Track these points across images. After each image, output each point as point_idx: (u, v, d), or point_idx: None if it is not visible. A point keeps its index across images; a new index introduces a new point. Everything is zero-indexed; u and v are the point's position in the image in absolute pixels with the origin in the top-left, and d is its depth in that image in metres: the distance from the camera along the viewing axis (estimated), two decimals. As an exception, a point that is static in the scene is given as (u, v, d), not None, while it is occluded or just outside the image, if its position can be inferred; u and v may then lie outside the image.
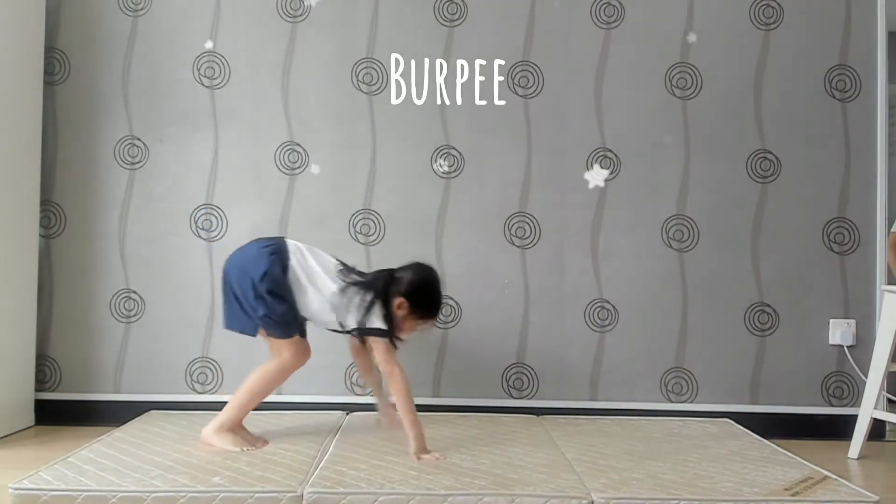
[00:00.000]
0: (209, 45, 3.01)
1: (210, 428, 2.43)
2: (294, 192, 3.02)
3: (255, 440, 2.45)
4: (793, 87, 3.03)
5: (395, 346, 2.41)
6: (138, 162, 3.02)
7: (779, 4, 3.04)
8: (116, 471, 2.12)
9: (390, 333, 2.39)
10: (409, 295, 2.41)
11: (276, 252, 2.41)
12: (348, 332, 2.47)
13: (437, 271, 2.52)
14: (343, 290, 2.40)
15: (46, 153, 3.00)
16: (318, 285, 2.41)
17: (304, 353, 2.47)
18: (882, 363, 2.65)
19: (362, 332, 2.40)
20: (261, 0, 3.04)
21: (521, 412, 2.97)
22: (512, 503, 1.98)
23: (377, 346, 2.39)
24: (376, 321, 2.37)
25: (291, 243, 2.46)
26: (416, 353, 2.99)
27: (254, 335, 2.44)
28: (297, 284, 2.41)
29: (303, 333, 2.49)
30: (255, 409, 2.81)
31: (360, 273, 2.48)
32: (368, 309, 2.37)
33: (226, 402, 2.50)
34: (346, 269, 2.47)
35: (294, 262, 2.41)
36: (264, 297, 2.35)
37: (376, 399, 2.73)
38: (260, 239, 2.52)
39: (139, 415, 2.83)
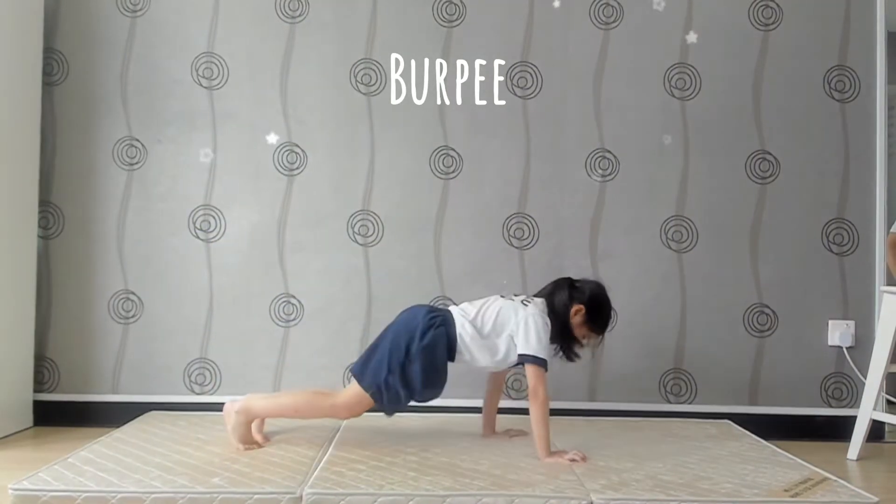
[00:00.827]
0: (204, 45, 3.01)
1: (237, 405, 2.42)
2: (292, 192, 3.02)
3: (257, 440, 2.45)
4: (792, 88, 3.03)
5: (545, 370, 2.40)
6: (137, 162, 3.02)
7: (778, 4, 3.04)
8: (116, 471, 2.12)
9: (568, 346, 2.48)
10: (589, 305, 2.47)
11: (443, 323, 2.41)
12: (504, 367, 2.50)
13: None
14: (513, 317, 2.43)
15: (45, 154, 3.00)
16: (482, 344, 2.42)
17: (357, 412, 2.44)
18: (881, 364, 2.65)
19: (526, 360, 2.38)
20: (259, 0, 3.04)
21: (520, 413, 2.96)
22: (511, 503, 1.98)
23: (533, 374, 2.37)
24: (541, 350, 2.38)
25: (454, 309, 2.48)
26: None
27: (368, 393, 2.36)
28: (468, 346, 2.41)
29: None
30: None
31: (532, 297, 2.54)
32: (538, 334, 2.38)
33: (224, 403, 2.50)
34: (509, 298, 2.52)
35: (459, 323, 2.42)
36: (409, 375, 2.34)
37: (484, 431, 2.67)
38: (428, 306, 2.52)
39: (138, 416, 2.82)
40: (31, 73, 2.93)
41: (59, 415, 2.95)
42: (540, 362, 2.37)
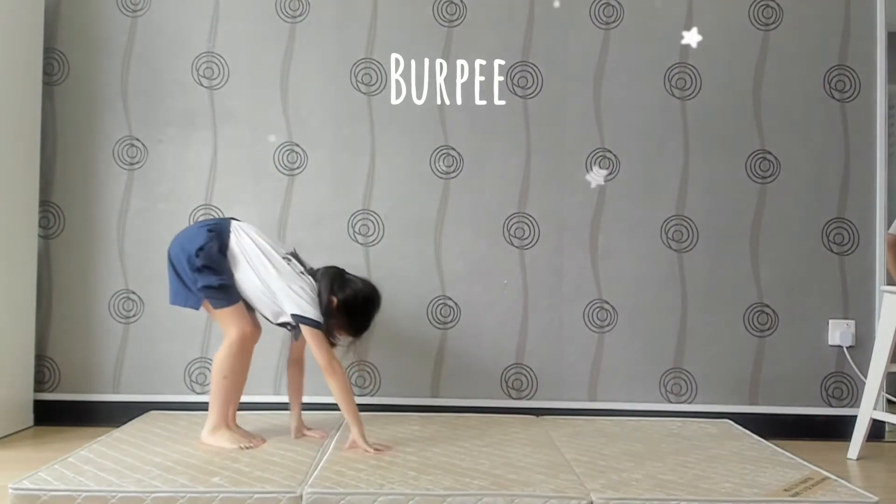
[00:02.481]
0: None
1: (205, 431, 2.44)
2: (293, 192, 3.02)
3: (252, 437, 2.45)
4: (792, 87, 3.03)
5: (332, 343, 2.41)
6: (137, 162, 3.02)
7: (778, 5, 3.04)
8: (116, 471, 2.12)
9: (325, 329, 2.39)
10: (347, 302, 2.42)
11: (216, 230, 2.43)
12: (280, 325, 2.48)
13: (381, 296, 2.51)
14: (283, 274, 2.40)
15: (45, 154, 3.00)
16: (256, 267, 2.40)
17: (252, 324, 2.46)
18: (881, 364, 2.65)
19: (298, 320, 2.37)
20: (260, 0, 3.04)
21: (520, 412, 2.97)
22: (511, 503, 1.98)
23: (313, 337, 2.37)
24: (314, 312, 2.37)
25: (235, 224, 2.47)
26: (416, 354, 3.00)
27: (197, 308, 2.44)
28: (234, 262, 2.42)
29: (250, 308, 2.49)
30: (256, 409, 2.81)
31: (305, 265, 2.52)
32: (309, 299, 2.37)
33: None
34: (293, 257, 2.50)
35: (233, 241, 2.43)
36: (200, 269, 2.37)
37: (293, 416, 2.62)
38: (206, 220, 2.59)
39: (138, 415, 2.83)
40: (32, 73, 2.93)
41: (60, 414, 2.95)
42: (316, 325, 2.36)
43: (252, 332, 2.47)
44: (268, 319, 2.49)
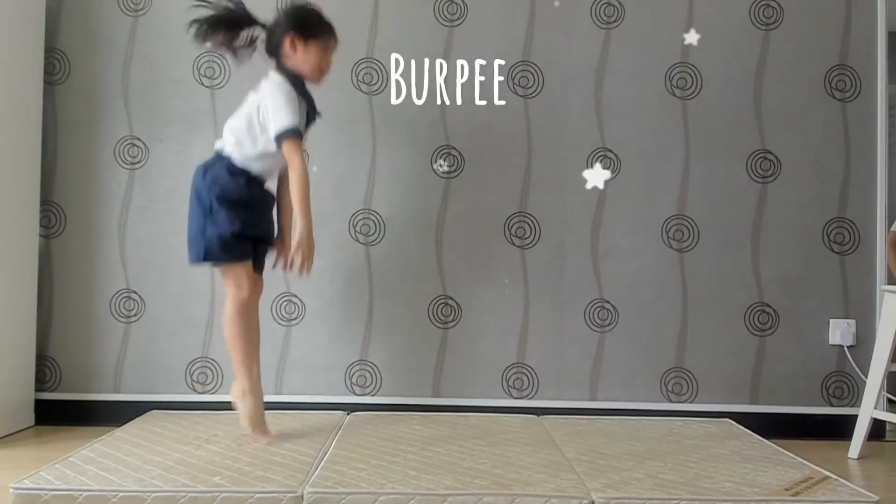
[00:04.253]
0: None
1: (236, 392, 2.45)
2: (294, 192, 3.02)
3: (263, 433, 2.48)
4: (793, 87, 3.03)
5: (300, 139, 2.40)
6: (138, 162, 3.02)
7: (779, 4, 3.04)
8: (117, 471, 2.12)
9: (299, 133, 2.38)
10: (294, 25, 2.41)
11: (212, 162, 2.45)
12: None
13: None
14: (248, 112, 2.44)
15: (46, 153, 3.00)
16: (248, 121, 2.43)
17: (249, 277, 2.44)
18: (882, 363, 2.66)
19: (279, 139, 2.35)
20: (260, 0, 3.03)
21: (521, 412, 2.97)
22: (512, 503, 1.98)
23: (290, 145, 2.35)
24: (290, 119, 2.36)
25: (222, 145, 2.48)
26: (417, 353, 3.00)
27: (218, 265, 2.43)
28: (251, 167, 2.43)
29: (258, 268, 2.50)
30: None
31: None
32: (284, 103, 2.36)
33: (226, 403, 2.50)
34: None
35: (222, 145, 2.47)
36: (211, 219, 2.37)
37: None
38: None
39: (139, 415, 2.83)
40: (33, 73, 2.93)
41: (61, 414, 2.95)
42: (292, 134, 2.35)
43: (255, 290, 2.47)
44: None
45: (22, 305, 2.87)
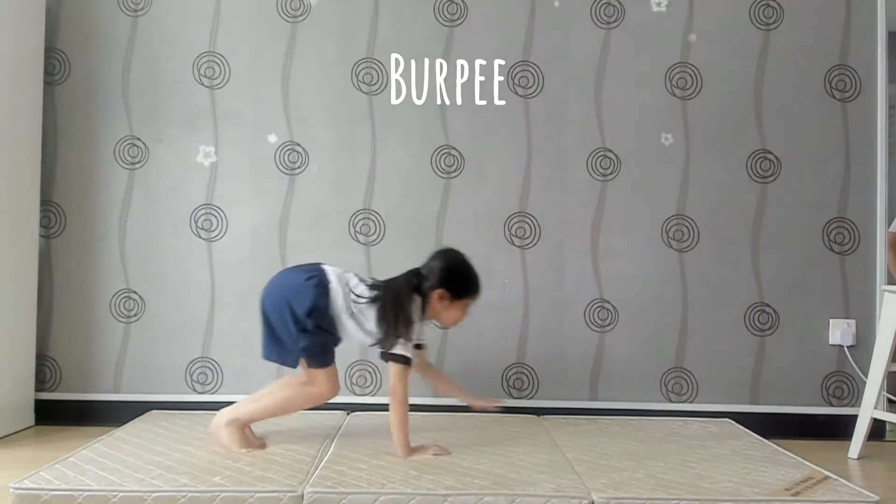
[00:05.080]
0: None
1: (224, 418, 2.40)
2: (294, 192, 3.02)
3: (256, 442, 2.43)
4: (793, 87, 3.04)
5: (408, 364, 2.34)
6: (138, 162, 3.02)
7: (779, 4, 3.04)
8: (117, 470, 2.12)
9: (409, 360, 2.33)
10: (447, 283, 2.36)
11: (320, 284, 2.34)
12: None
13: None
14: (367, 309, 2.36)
15: (46, 153, 3.00)
16: (353, 311, 2.36)
17: (336, 383, 2.42)
18: (882, 363, 2.66)
19: (389, 358, 2.33)
20: (261, 0, 3.04)
21: (521, 412, 2.97)
22: (512, 503, 1.97)
23: (394, 368, 2.32)
24: (402, 349, 2.32)
25: (330, 270, 2.39)
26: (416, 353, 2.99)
27: (294, 367, 2.41)
28: (338, 312, 2.35)
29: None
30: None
31: (380, 284, 2.41)
32: (388, 332, 2.32)
33: (226, 403, 2.50)
34: (372, 286, 2.41)
35: (333, 293, 2.35)
36: (308, 330, 2.31)
37: (459, 399, 2.67)
38: (297, 268, 2.45)
39: (139, 415, 2.83)
40: (33, 73, 2.93)
41: (61, 414, 2.95)
42: (404, 361, 2.31)
43: (336, 390, 2.42)
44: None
45: (22, 305, 2.86)
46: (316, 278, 2.35)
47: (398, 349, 2.32)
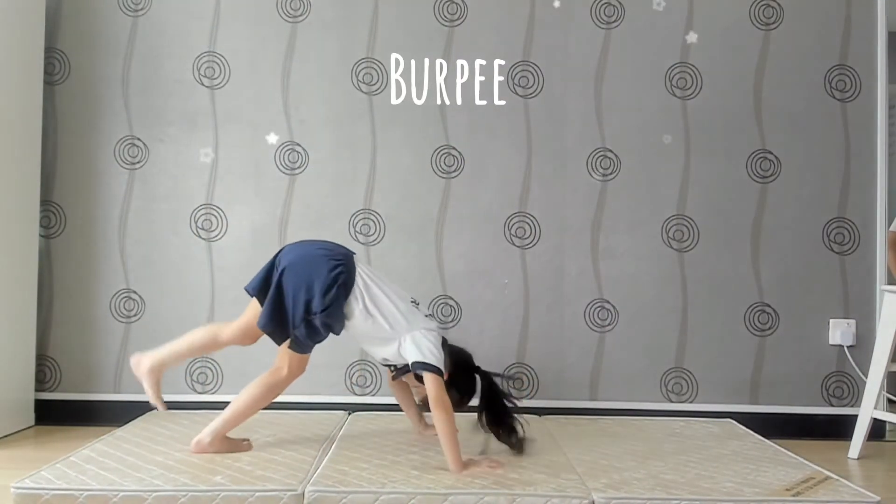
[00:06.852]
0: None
1: (206, 436, 2.34)
2: (294, 191, 3.02)
3: (242, 444, 2.40)
4: (793, 87, 3.04)
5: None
6: (138, 162, 3.02)
7: (779, 4, 3.04)
8: (118, 470, 2.12)
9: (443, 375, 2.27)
10: (458, 384, 2.34)
11: (345, 270, 2.26)
12: (391, 365, 2.41)
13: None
14: (413, 323, 2.30)
15: (46, 153, 3.00)
16: (376, 316, 2.28)
17: (304, 366, 2.39)
18: (882, 363, 2.66)
19: (422, 367, 2.23)
20: (260, 0, 3.04)
21: (521, 412, 2.96)
22: (513, 503, 1.97)
23: (433, 383, 2.21)
24: (436, 359, 2.24)
25: (359, 269, 2.31)
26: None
27: (278, 344, 2.34)
28: (353, 312, 2.28)
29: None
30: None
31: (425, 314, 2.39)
32: (434, 346, 2.27)
33: (226, 403, 2.49)
34: (416, 306, 2.38)
35: (358, 287, 2.28)
36: (316, 325, 2.26)
37: (416, 429, 2.63)
38: (326, 250, 2.33)
39: (139, 415, 2.82)
40: (33, 73, 2.93)
41: (61, 414, 2.95)
42: (438, 371, 2.22)
43: (298, 376, 2.37)
44: (386, 364, 2.44)
45: (22, 305, 2.86)
46: (339, 260, 2.28)
47: (433, 360, 2.23)
